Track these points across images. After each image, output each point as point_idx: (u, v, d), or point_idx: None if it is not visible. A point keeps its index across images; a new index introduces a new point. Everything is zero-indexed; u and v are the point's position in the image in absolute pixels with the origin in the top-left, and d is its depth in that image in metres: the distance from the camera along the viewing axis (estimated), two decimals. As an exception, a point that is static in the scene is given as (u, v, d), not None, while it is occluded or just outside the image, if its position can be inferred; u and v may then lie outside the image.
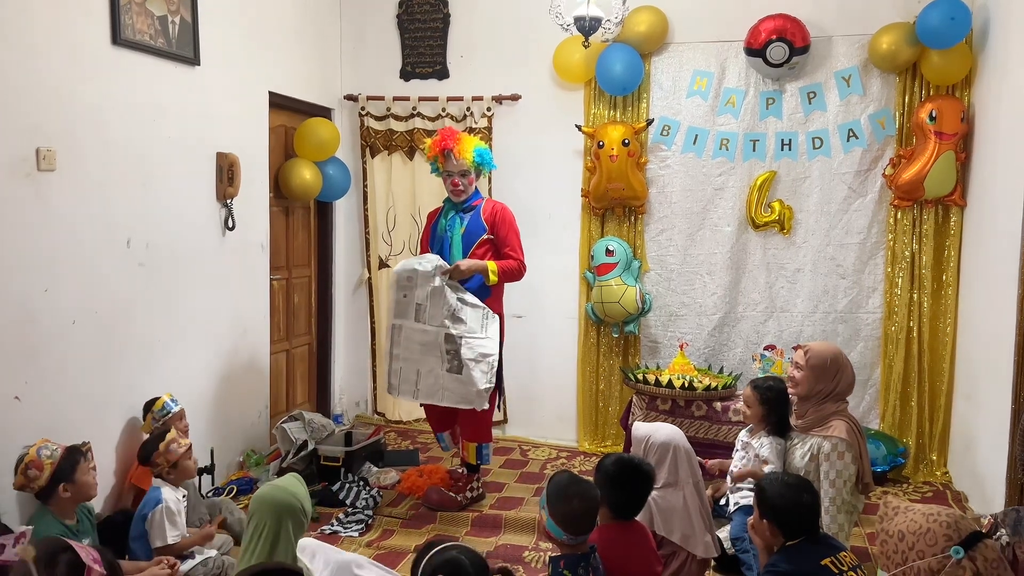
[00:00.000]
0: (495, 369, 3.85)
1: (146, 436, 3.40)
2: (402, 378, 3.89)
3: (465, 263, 3.85)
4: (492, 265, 3.89)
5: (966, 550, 1.95)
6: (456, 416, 4.04)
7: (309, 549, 2.90)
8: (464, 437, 4.04)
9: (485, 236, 3.95)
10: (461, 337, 3.77)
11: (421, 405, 4.19)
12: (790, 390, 3.31)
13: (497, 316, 3.93)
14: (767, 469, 3.27)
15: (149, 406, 3.56)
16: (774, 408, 3.37)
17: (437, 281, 3.77)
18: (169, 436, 3.22)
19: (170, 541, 3.06)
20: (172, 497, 3.14)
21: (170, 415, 3.53)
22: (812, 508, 2.48)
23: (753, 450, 3.37)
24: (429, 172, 4.19)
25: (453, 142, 3.91)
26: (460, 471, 4.17)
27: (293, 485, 2.64)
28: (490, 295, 3.95)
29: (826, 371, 3.20)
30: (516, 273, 3.98)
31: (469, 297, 3.87)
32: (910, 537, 2.02)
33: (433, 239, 4.09)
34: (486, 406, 3.85)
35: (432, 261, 3.81)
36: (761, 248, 4.83)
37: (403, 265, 3.86)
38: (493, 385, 3.85)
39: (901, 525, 2.06)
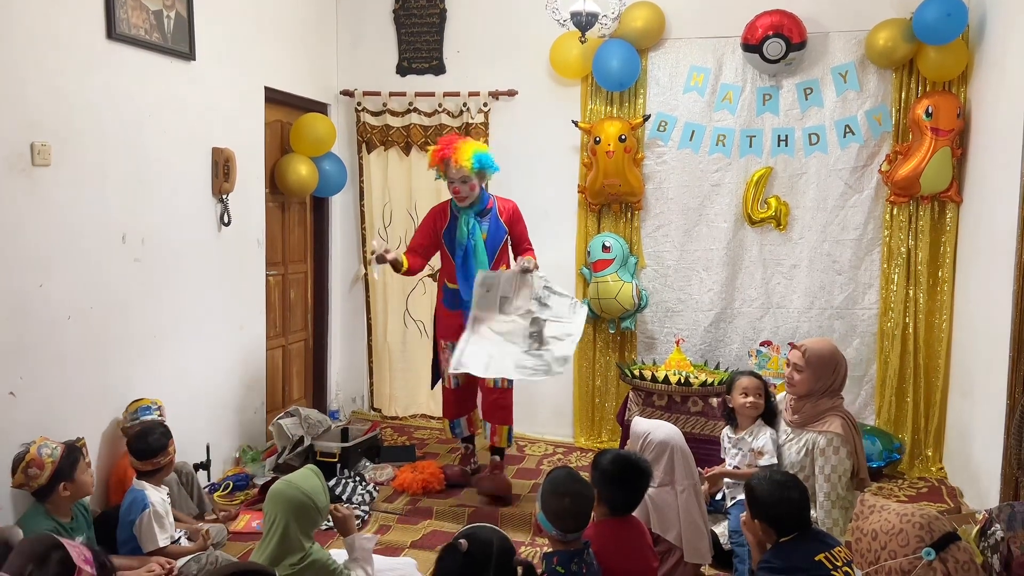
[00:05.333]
0: (576, 341, 3.87)
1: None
2: (471, 356, 3.89)
3: (532, 261, 3.99)
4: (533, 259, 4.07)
5: (937, 552, 1.94)
6: (473, 403, 4.22)
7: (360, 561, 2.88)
8: (495, 421, 4.13)
9: (506, 237, 4.09)
10: (547, 320, 3.89)
11: (442, 387, 4.30)
12: (789, 391, 3.29)
13: (586, 306, 4.06)
14: (764, 460, 3.27)
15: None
16: (769, 399, 3.40)
17: (520, 277, 3.92)
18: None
19: (161, 544, 3.02)
20: (157, 499, 3.10)
21: (137, 421, 3.40)
22: (801, 504, 2.48)
23: (748, 445, 3.37)
24: (434, 179, 4.32)
25: (451, 150, 3.91)
26: (469, 468, 4.29)
27: (306, 480, 2.65)
28: None
29: (826, 367, 3.20)
30: None
31: (556, 287, 3.99)
32: (883, 536, 2.01)
33: (452, 244, 4.05)
34: (561, 371, 3.86)
35: (510, 270, 3.99)
36: (757, 244, 4.83)
37: (486, 274, 3.95)
38: (570, 356, 3.89)
39: (875, 524, 2.05)
